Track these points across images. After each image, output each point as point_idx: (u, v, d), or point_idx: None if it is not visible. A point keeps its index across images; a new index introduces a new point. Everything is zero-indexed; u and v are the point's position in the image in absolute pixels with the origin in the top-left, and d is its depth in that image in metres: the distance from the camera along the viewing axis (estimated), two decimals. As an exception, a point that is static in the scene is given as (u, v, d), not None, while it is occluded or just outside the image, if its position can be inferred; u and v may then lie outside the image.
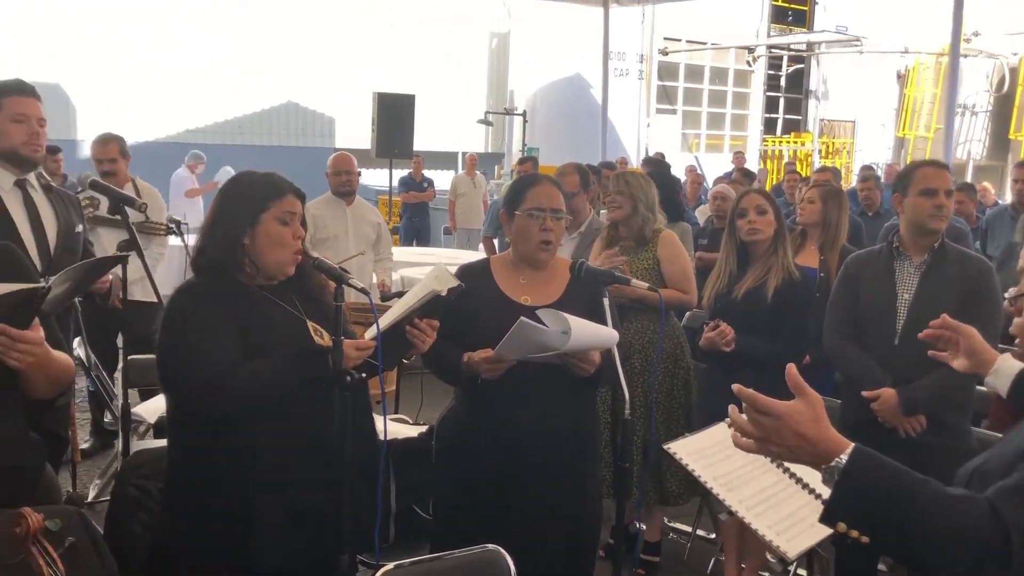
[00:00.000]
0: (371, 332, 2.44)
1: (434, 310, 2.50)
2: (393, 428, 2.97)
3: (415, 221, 12.72)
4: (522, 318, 2.38)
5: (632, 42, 19.00)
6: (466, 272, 2.79)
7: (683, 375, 3.94)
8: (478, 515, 2.69)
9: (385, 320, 2.43)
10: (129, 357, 3.79)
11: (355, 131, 15.00)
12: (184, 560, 2.39)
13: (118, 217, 3.04)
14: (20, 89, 3.04)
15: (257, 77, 15.53)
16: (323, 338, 2.46)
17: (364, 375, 2.37)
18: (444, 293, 2.48)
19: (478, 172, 12.43)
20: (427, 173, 13.14)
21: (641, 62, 19.70)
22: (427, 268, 7.59)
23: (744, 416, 1.39)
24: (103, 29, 13.91)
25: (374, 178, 14.57)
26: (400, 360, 2.72)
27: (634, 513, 3.72)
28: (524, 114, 16.07)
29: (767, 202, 3.59)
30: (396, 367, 4.20)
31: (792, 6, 22.44)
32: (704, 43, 21.48)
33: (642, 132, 19.65)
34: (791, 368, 1.42)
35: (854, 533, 1.31)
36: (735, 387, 1.41)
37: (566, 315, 2.40)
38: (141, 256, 2.91)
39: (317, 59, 15.89)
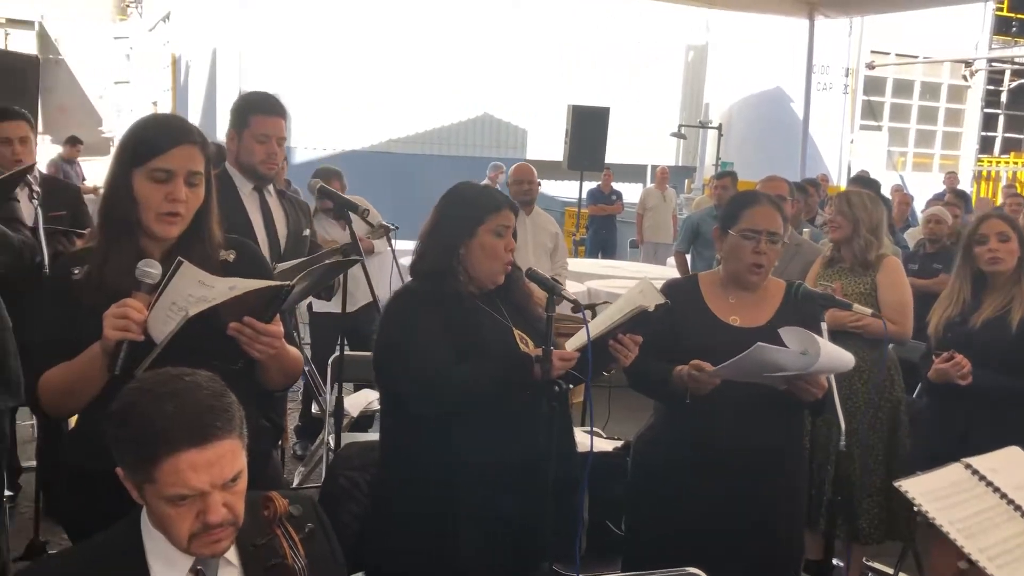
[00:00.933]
0: (571, 343, 2.46)
1: (638, 325, 2.49)
2: (589, 440, 2.97)
3: (602, 233, 12.72)
4: (759, 343, 2.32)
5: (837, 55, 18.21)
6: (673, 288, 2.76)
7: (889, 408, 3.71)
8: (674, 535, 2.64)
9: (591, 332, 2.44)
10: (345, 353, 4.00)
11: (546, 143, 15.22)
12: (389, 553, 2.49)
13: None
14: (266, 108, 3.21)
15: (456, 90, 16.08)
16: (528, 346, 2.50)
17: (571, 386, 2.39)
18: (651, 309, 2.47)
19: (668, 186, 12.28)
20: (615, 185, 13.12)
21: (846, 76, 18.85)
22: (613, 281, 7.62)
23: None
24: (314, 44, 14.83)
25: (563, 190, 14.72)
26: (601, 373, 2.73)
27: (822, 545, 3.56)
28: (719, 127, 15.74)
29: (1010, 228, 3.27)
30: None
31: (1019, 16, 20.76)
32: (915, 56, 20.27)
33: (844, 149, 18.79)
34: None
35: None
36: None
37: (815, 336, 2.32)
38: (361, 259, 3.08)
39: (512, 72, 16.26)
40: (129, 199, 1.97)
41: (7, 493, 3.56)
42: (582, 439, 2.77)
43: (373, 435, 4.22)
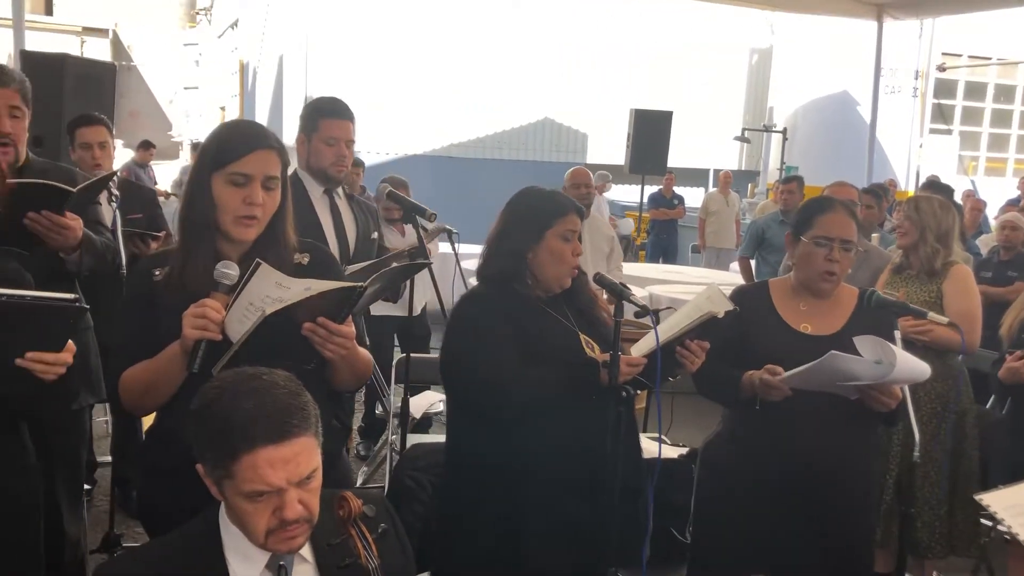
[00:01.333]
0: (638, 348, 2.45)
1: (706, 332, 2.47)
2: (653, 447, 2.95)
3: (663, 238, 12.62)
4: (833, 351, 2.29)
5: (907, 57, 17.81)
6: (743, 294, 2.73)
7: (955, 420, 3.61)
8: (741, 543, 2.61)
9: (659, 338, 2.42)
10: (403, 356, 4.04)
11: (607, 146, 15.18)
12: (454, 554, 2.51)
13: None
14: (334, 111, 3.28)
15: (516, 94, 16.13)
16: (594, 351, 2.50)
17: (637, 391, 2.39)
18: (720, 316, 2.44)
19: (731, 190, 12.14)
20: (677, 190, 13.02)
21: (916, 78, 18.41)
22: (675, 286, 7.55)
23: None
24: (377, 51, 15.02)
25: (624, 194, 14.66)
26: (667, 378, 2.71)
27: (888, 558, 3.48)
28: (784, 131, 15.53)
29: None
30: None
31: (1098, 16, 20.03)
32: (989, 58, 19.70)
33: (913, 153, 18.36)
34: None
35: None
36: None
37: (891, 345, 2.27)
38: (430, 263, 3.11)
39: (573, 76, 16.26)
40: (208, 202, 2.02)
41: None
42: (648, 445, 2.76)
43: (436, 436, 4.26)
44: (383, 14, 15.08)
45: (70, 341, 1.85)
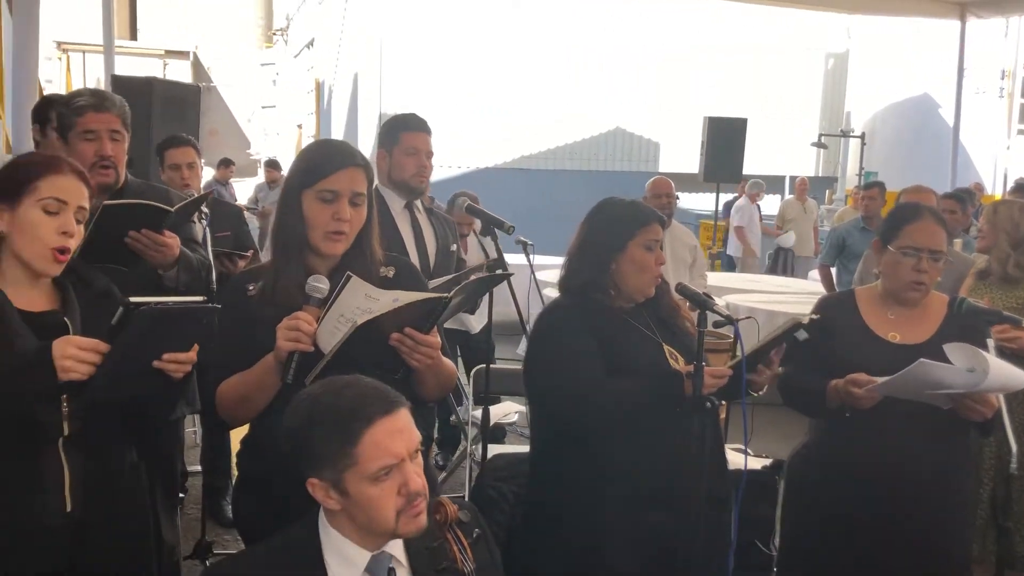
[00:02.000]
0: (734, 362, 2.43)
1: (788, 341, 2.45)
2: (736, 458, 2.92)
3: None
4: (922, 359, 2.24)
5: (992, 57, 17.27)
6: (828, 303, 2.70)
7: None
8: (831, 555, 2.57)
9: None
10: (481, 367, 4.07)
11: (679, 155, 15.08)
12: (537, 563, 2.52)
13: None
14: (414, 124, 3.39)
15: (588, 105, 16.14)
16: (677, 362, 2.49)
17: (722, 402, 2.37)
18: (805, 322, 2.42)
19: (809, 197, 11.92)
20: (752, 197, 12.83)
21: (1002, 78, 17.83)
22: (753, 295, 7.45)
23: None
24: (449, 67, 15.21)
25: (698, 202, 14.53)
26: (751, 392, 2.68)
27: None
28: (862, 136, 15.20)
29: None
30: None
31: None
32: (1079, 55, 18.94)
33: (1000, 156, 17.76)
34: None
35: None
36: None
37: (983, 353, 2.22)
38: (510, 275, 3.13)
39: (644, 85, 16.21)
40: (299, 219, 2.10)
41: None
42: (733, 457, 2.73)
43: (511, 446, 4.28)
44: (456, 30, 15.28)
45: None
